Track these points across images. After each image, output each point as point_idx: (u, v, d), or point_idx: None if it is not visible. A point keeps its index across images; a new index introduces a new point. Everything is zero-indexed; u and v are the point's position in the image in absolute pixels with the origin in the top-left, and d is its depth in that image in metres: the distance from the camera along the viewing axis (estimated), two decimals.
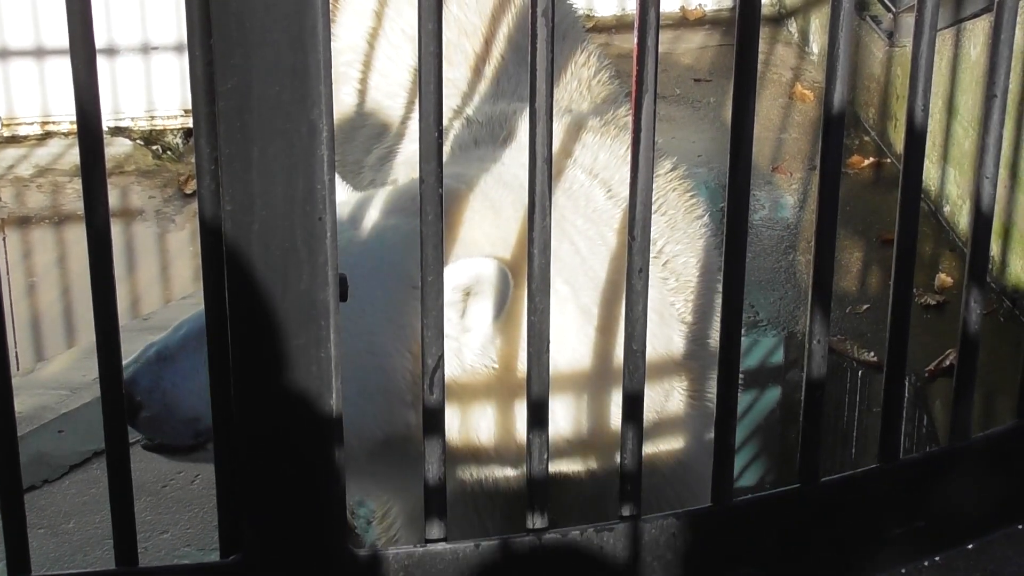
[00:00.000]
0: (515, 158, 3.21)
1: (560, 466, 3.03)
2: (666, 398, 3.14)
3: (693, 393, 3.20)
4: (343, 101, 3.93)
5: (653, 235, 3.08)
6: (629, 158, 2.78)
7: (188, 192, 6.10)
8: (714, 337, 3.18)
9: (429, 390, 2.75)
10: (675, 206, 3.33)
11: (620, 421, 2.92)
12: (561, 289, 2.95)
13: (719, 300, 2.99)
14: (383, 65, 3.91)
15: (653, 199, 2.90)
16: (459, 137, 3.43)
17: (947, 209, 5.35)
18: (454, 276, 2.83)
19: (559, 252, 2.93)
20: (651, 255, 3.04)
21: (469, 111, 3.58)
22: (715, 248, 3.33)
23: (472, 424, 2.91)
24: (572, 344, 2.97)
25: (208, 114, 2.52)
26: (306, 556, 2.79)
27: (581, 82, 3.66)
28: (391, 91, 3.87)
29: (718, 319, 3.00)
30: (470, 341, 2.88)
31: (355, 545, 2.88)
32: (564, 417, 2.96)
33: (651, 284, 2.96)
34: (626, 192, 3.08)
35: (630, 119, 2.76)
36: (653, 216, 2.95)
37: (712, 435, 3.02)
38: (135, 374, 2.81)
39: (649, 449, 3.12)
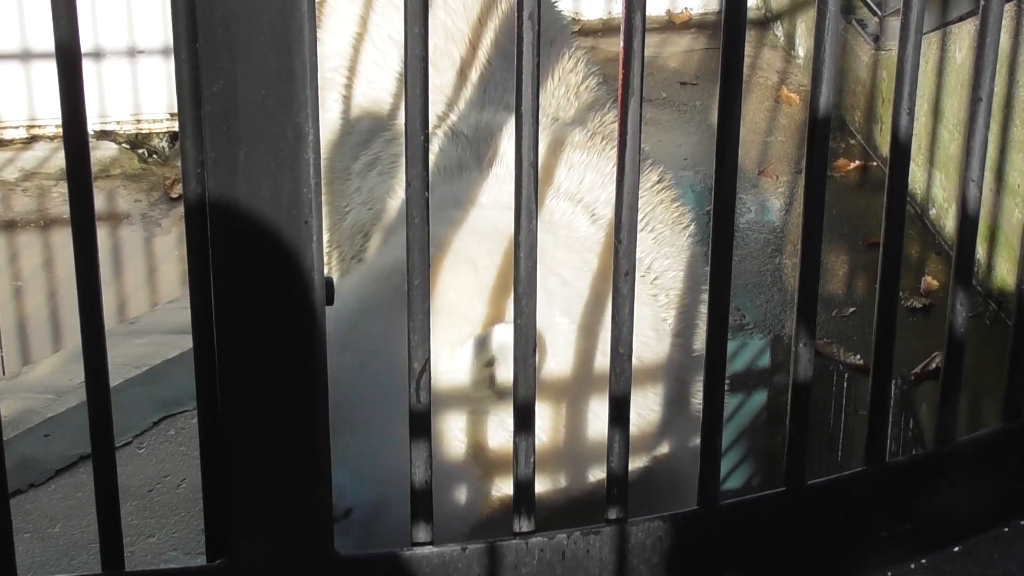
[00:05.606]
0: (494, 194, 3.21)
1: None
2: (659, 410, 3.15)
3: (681, 402, 3.20)
4: (330, 107, 3.93)
5: (640, 253, 3.08)
6: (615, 173, 2.77)
7: (174, 196, 6.08)
8: (699, 346, 3.19)
9: (415, 395, 2.75)
10: (662, 220, 3.34)
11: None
12: (561, 322, 2.98)
13: (705, 309, 2.99)
14: (370, 71, 3.91)
15: (639, 215, 2.90)
16: (445, 154, 3.41)
17: (933, 212, 5.36)
18: (480, 352, 2.89)
19: (548, 286, 2.94)
20: (639, 273, 3.05)
21: (455, 118, 3.57)
22: (701, 258, 3.33)
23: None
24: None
25: (194, 117, 2.52)
26: (293, 559, 2.79)
27: (569, 88, 3.65)
28: (378, 97, 3.86)
29: (703, 328, 3.00)
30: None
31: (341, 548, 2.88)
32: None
33: (643, 302, 2.97)
34: (611, 214, 3.09)
35: (616, 124, 2.77)
36: (640, 233, 2.95)
37: (697, 442, 3.02)
38: None
39: (643, 460, 3.13)
